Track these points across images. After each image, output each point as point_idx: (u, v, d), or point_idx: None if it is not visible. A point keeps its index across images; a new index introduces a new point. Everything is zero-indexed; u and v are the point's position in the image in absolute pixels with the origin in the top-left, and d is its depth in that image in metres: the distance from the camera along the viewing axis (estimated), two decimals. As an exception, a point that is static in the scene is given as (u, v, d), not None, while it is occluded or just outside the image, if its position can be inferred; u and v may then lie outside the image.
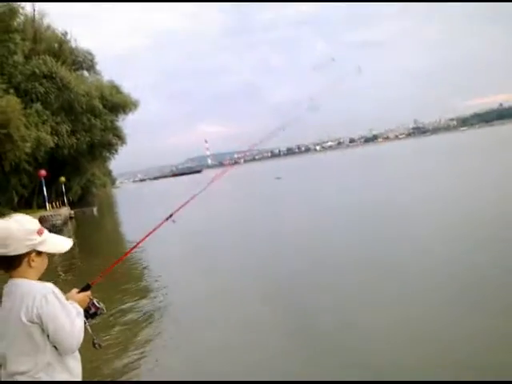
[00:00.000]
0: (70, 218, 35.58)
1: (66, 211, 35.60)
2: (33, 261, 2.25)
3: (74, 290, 2.53)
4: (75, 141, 39.10)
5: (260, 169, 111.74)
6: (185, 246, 15.49)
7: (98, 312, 2.57)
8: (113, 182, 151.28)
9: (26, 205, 36.62)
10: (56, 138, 35.80)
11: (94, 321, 2.58)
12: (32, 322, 2.14)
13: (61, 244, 2.39)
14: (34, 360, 2.17)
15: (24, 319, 2.14)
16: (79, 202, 50.79)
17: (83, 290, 2.56)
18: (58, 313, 2.18)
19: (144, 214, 31.13)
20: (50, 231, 2.38)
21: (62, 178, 40.00)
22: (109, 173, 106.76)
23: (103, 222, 35.56)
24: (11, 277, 2.26)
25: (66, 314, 2.22)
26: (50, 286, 2.26)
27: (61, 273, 13.23)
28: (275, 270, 10.11)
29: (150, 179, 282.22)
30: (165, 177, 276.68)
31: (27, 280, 2.24)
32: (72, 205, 43.29)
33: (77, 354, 2.33)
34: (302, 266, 10.03)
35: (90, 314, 2.55)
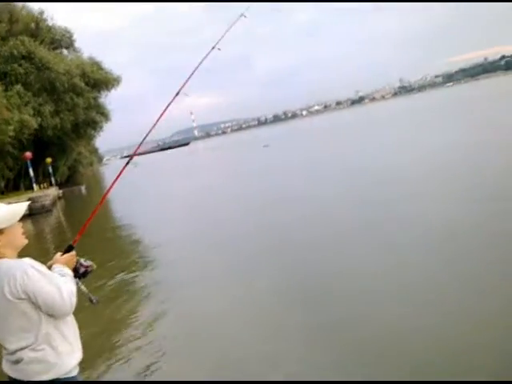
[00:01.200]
0: (59, 197, 35.63)
1: (54, 191, 35.59)
2: None
3: (58, 254, 2.60)
4: (59, 121, 38.73)
5: (247, 138, 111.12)
6: (185, 218, 15.67)
7: (88, 269, 2.64)
8: (100, 159, 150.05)
9: (13, 188, 36.57)
10: (39, 119, 35.45)
11: (85, 279, 2.66)
12: (20, 299, 2.21)
13: (13, 211, 2.40)
14: (33, 333, 2.25)
15: (10, 297, 2.20)
16: (67, 181, 50.69)
17: (66, 251, 2.62)
18: (41, 284, 2.24)
19: (130, 189, 31.27)
20: (40, 212, 2.49)
21: (48, 159, 39.83)
22: (95, 151, 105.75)
23: (92, 199, 35.58)
24: None
25: (49, 282, 2.28)
26: (27, 260, 2.32)
27: (53, 250, 13.46)
28: (278, 237, 10.10)
29: (136, 155, 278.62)
30: (151, 152, 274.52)
31: (4, 259, 2.30)
32: (60, 185, 43.25)
33: (70, 319, 2.42)
34: (305, 234, 9.99)
35: (80, 273, 2.61)
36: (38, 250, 15.95)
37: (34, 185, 35.53)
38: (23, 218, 2.43)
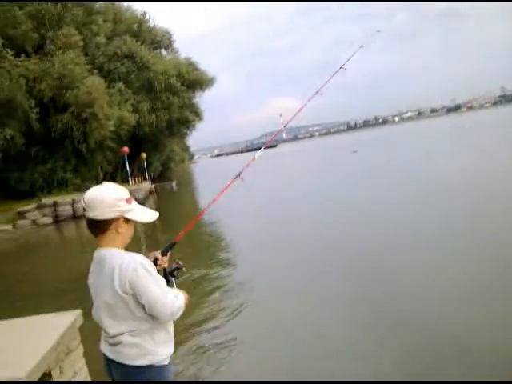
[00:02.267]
0: (151, 192, 37.22)
1: (147, 186, 37.23)
2: (120, 227, 2.36)
3: (158, 253, 2.73)
4: (155, 118, 40.26)
5: (335, 142, 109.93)
6: (266, 220, 15.84)
7: (180, 267, 2.77)
8: (191, 157, 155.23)
9: (110, 180, 38.40)
10: (137, 115, 37.09)
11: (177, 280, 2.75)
12: (127, 294, 2.27)
13: (147, 215, 2.47)
14: (136, 324, 2.33)
15: (118, 290, 2.26)
16: (159, 177, 52.79)
17: (168, 249, 2.80)
18: (148, 284, 2.28)
19: (220, 187, 31.96)
20: None
21: (143, 155, 41.62)
22: (187, 148, 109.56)
23: (182, 195, 36.90)
24: (99, 245, 2.40)
25: (157, 285, 2.33)
26: (139, 258, 2.34)
27: (143, 244, 14.08)
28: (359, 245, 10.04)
29: (227, 154, 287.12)
30: (240, 152, 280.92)
31: (116, 250, 2.36)
32: (153, 180, 45.10)
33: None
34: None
35: (171, 271, 2.74)
36: (130, 243, 16.80)
37: (130, 178, 37.28)
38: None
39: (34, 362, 3.30)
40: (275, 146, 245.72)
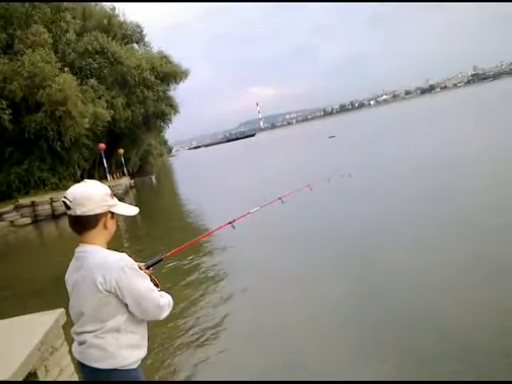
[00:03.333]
0: (131, 187, 37.06)
1: (126, 181, 37.04)
2: (107, 222, 2.37)
3: (142, 264, 2.61)
4: (130, 113, 40.04)
5: (313, 128, 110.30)
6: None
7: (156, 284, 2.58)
8: (169, 150, 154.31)
9: (88, 177, 38.17)
10: (112, 111, 36.76)
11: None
12: (109, 292, 2.24)
13: (129, 208, 2.47)
14: (103, 323, 2.28)
15: (101, 288, 2.22)
16: (138, 172, 52.55)
17: (155, 263, 2.75)
18: (136, 284, 2.27)
19: (199, 181, 32.01)
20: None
21: (121, 150, 41.35)
22: (164, 142, 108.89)
23: (162, 189, 36.80)
24: (82, 242, 2.36)
25: (144, 284, 2.32)
26: (125, 257, 2.33)
27: (124, 240, 14.05)
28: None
29: (204, 146, 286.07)
30: (218, 143, 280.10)
31: (100, 248, 2.33)
32: (131, 175, 44.88)
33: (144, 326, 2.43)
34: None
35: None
36: (113, 242, 16.71)
37: (108, 175, 37.02)
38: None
39: (18, 363, 3.31)
40: (253, 136, 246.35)
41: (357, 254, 8.09)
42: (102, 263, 2.26)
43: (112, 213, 2.39)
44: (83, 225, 2.31)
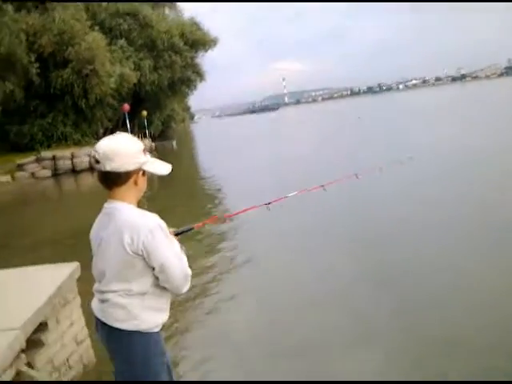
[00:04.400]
0: (151, 150, 37.13)
1: (147, 143, 37.12)
2: (139, 180, 2.24)
3: (171, 230, 2.48)
4: (157, 77, 39.95)
5: (339, 108, 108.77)
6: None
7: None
8: (191, 117, 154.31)
9: (110, 136, 38.49)
10: (139, 73, 36.73)
11: None
12: (136, 254, 2.13)
13: (163, 167, 2.34)
14: (130, 284, 2.18)
15: (128, 249, 2.11)
16: (159, 136, 52.56)
17: (184, 231, 2.64)
18: (164, 249, 2.16)
19: (221, 151, 31.97)
20: None
21: (144, 112, 41.36)
22: (187, 108, 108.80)
23: (182, 154, 36.90)
24: (111, 198, 2.24)
25: (172, 250, 2.21)
26: (155, 219, 2.21)
27: (144, 201, 14.07)
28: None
29: (228, 115, 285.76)
30: (242, 114, 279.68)
31: (130, 206, 2.22)
32: (153, 138, 44.95)
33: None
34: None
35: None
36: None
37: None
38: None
39: (31, 312, 3.37)
40: (277, 109, 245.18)
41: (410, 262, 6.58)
42: (130, 222, 2.14)
43: (143, 170, 2.26)
44: (112, 180, 2.19)
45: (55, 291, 3.76)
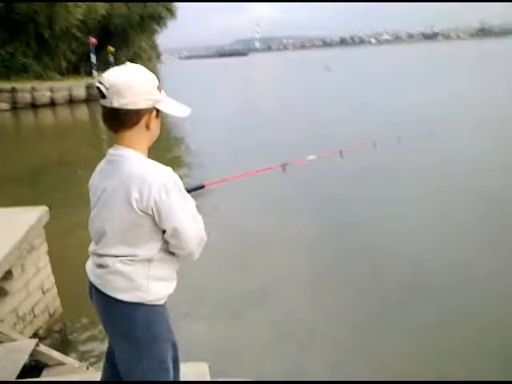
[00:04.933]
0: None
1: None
2: (151, 122, 1.85)
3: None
4: (127, 10, 38.38)
5: (311, 57, 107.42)
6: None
7: None
8: (158, 56, 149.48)
9: (73, 71, 36.96)
10: (108, 5, 35.07)
11: None
12: (145, 213, 1.76)
13: (180, 108, 1.93)
14: (134, 248, 1.83)
15: (135, 207, 1.75)
16: (126, 73, 50.95)
17: (196, 189, 2.33)
18: (179, 210, 1.80)
19: (190, 91, 31.14)
20: (97, 99, 1.85)
21: (111, 48, 39.73)
22: (155, 47, 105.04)
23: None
24: (117, 143, 1.85)
25: (188, 211, 1.85)
26: (169, 171, 1.82)
27: (107, 141, 13.62)
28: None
29: (196, 57, 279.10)
30: (210, 57, 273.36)
31: (139, 155, 1.83)
32: (119, 76, 43.52)
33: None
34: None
35: None
36: (94, 137, 16.28)
37: (94, 71, 35.73)
38: (79, 103, 1.99)
39: (-3, 260, 3.10)
40: (246, 55, 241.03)
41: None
42: (140, 175, 1.76)
43: (157, 110, 1.86)
44: (121, 120, 1.79)
45: (22, 237, 3.47)
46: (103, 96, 1.75)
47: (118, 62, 45.28)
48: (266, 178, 3.53)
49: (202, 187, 2.40)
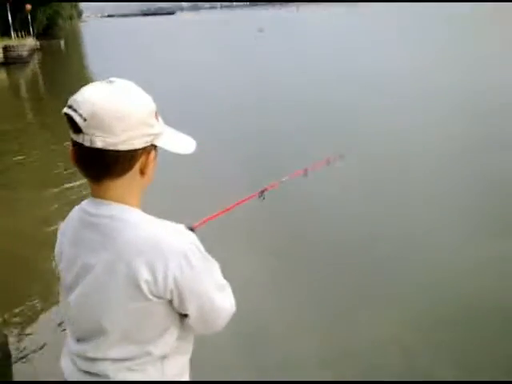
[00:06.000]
0: (37, 49, 34.27)
1: (31, 42, 34.12)
2: (148, 165, 1.24)
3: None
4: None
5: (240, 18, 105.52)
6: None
7: None
8: (79, 14, 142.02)
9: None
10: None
11: None
12: (160, 299, 1.21)
13: (183, 139, 1.33)
14: (142, 346, 1.27)
15: (147, 291, 1.18)
16: (45, 33, 48.33)
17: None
18: (208, 282, 1.29)
19: (111, 51, 30.23)
20: (15, 62, 1.26)
21: (28, 6, 37.55)
22: (76, 5, 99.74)
23: (71, 56, 34.52)
24: (99, 195, 1.23)
25: (215, 279, 1.33)
26: (186, 231, 1.29)
27: (28, 108, 12.97)
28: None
29: (119, 16, 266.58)
30: (134, 15, 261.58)
31: (139, 214, 1.25)
32: (37, 36, 41.31)
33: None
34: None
35: None
36: (14, 107, 15.21)
37: (12, 32, 33.81)
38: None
39: None
40: (173, 14, 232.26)
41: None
42: (149, 244, 1.19)
43: (155, 147, 1.25)
44: (107, 166, 1.18)
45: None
46: (77, 130, 1.12)
47: (35, 22, 43.07)
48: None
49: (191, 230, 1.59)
